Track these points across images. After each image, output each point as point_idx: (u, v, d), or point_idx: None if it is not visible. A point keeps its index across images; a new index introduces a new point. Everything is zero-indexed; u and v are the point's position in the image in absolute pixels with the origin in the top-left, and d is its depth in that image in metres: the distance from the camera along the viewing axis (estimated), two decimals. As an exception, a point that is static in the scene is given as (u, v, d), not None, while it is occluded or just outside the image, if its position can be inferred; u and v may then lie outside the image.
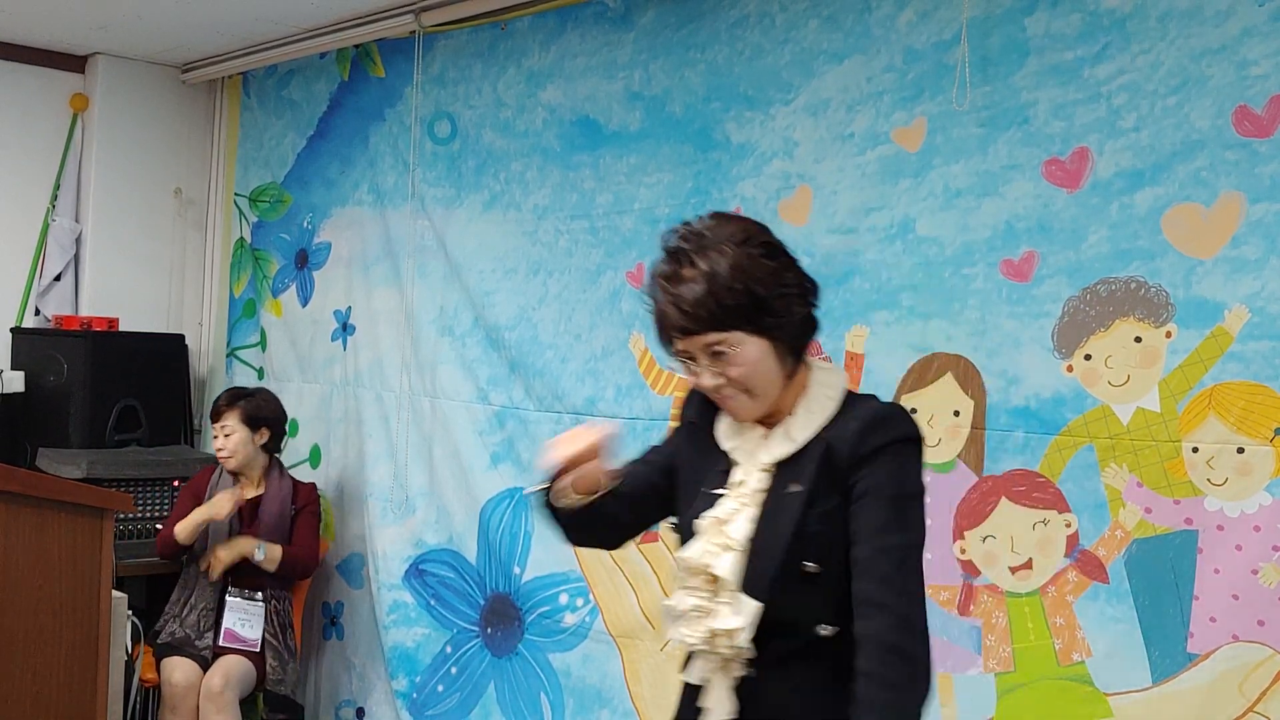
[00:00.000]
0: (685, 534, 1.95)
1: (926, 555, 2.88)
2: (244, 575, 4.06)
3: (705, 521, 1.91)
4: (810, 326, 1.94)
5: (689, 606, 1.89)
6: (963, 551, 2.86)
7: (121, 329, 4.84)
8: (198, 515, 4.01)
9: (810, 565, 1.82)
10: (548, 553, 3.80)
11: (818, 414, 1.90)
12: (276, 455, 4.27)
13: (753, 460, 1.92)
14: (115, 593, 3.24)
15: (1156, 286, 2.58)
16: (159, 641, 4.03)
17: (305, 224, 4.79)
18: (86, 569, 3.09)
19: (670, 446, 2.13)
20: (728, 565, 1.86)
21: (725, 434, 1.98)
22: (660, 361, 3.53)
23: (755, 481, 1.91)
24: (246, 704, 4.00)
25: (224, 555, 3.98)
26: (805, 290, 1.91)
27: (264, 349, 4.95)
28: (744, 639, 1.83)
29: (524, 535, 3.88)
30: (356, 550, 4.46)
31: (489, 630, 3.98)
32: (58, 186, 5.01)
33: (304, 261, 4.79)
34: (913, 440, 1.86)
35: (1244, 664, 2.44)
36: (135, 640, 3.88)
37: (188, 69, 5.13)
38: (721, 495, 1.93)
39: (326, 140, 4.71)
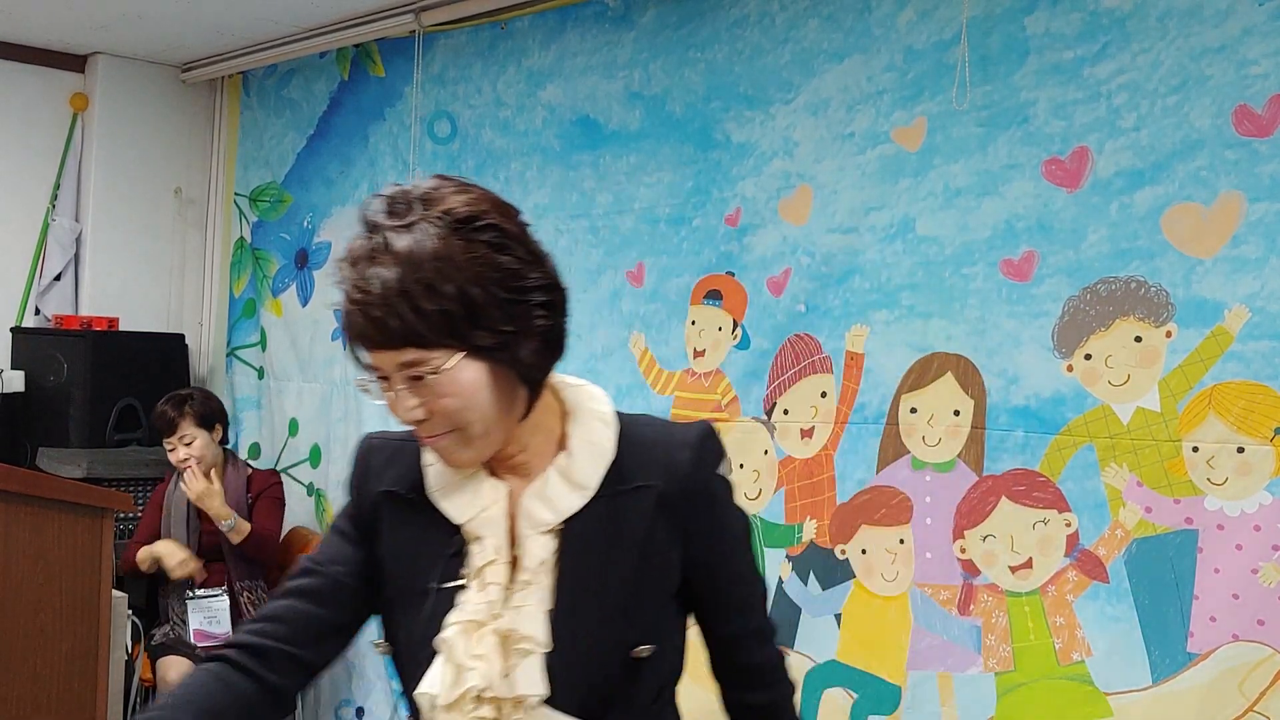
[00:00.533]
0: (415, 652, 1.44)
1: (926, 554, 2.91)
2: (210, 576, 4.07)
3: (454, 630, 1.40)
4: (555, 345, 1.43)
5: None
6: (963, 551, 2.86)
7: (122, 329, 4.84)
8: (157, 549, 4.00)
9: (644, 649, 1.44)
10: (548, 552, 3.80)
11: (602, 442, 1.45)
12: (228, 448, 4.27)
13: (526, 522, 1.44)
14: (115, 593, 3.24)
15: (1156, 286, 2.58)
16: (153, 643, 4.03)
17: (305, 223, 4.79)
18: (86, 569, 3.09)
19: (345, 544, 1.52)
20: (532, 678, 1.38)
21: (453, 500, 1.45)
22: (660, 361, 3.53)
23: (539, 550, 1.42)
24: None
25: (198, 485, 3.96)
26: (549, 298, 1.41)
27: (264, 349, 4.95)
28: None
29: (524, 535, 3.87)
30: (356, 550, 4.46)
31: None
32: (58, 186, 5.01)
33: (304, 261, 4.79)
34: (727, 474, 1.52)
35: (1244, 663, 2.44)
36: (135, 640, 3.89)
37: (188, 69, 5.13)
38: (471, 587, 1.42)
39: (326, 140, 4.71)
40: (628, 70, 3.65)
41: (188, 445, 4.07)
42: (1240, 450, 2.46)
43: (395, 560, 1.48)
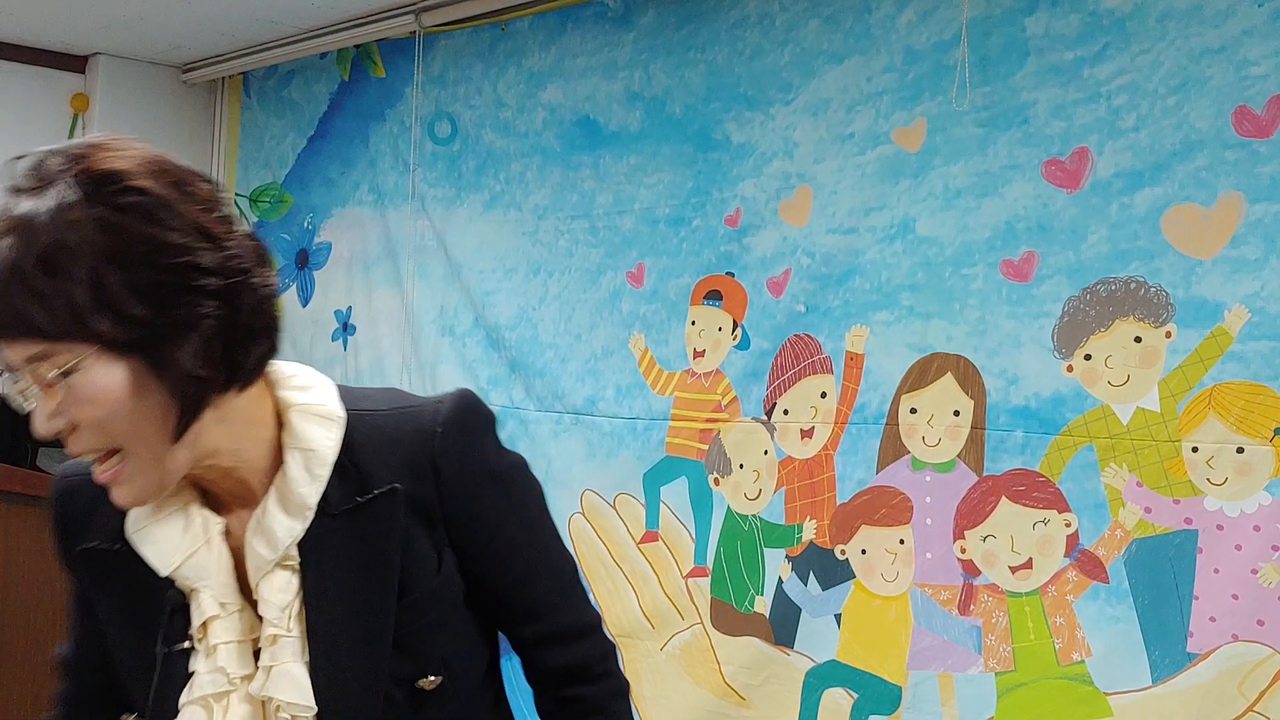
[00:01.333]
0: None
1: (926, 554, 2.91)
2: None
3: (191, 713, 1.18)
4: (237, 345, 1.17)
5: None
6: (963, 551, 2.86)
7: (122, 329, 4.84)
8: None
9: (431, 679, 1.25)
10: (548, 553, 3.80)
11: (323, 448, 1.21)
12: None
13: (252, 563, 1.19)
14: (115, 592, 3.24)
15: (1156, 286, 2.58)
16: None
17: (305, 224, 4.79)
18: (87, 569, 3.09)
19: (78, 619, 1.31)
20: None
21: (154, 543, 1.19)
22: (660, 362, 3.53)
23: (277, 594, 1.18)
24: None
25: None
26: (226, 285, 1.14)
27: (264, 349, 4.94)
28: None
29: (524, 535, 3.87)
30: (357, 550, 4.46)
31: None
32: (58, 186, 5.00)
33: (304, 261, 4.79)
34: (489, 419, 1.35)
35: (1244, 663, 2.44)
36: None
37: (188, 69, 5.13)
38: (200, 652, 1.18)
39: (327, 140, 4.71)
40: (628, 71, 3.65)
41: None
42: (1240, 450, 2.46)
43: (114, 627, 1.22)
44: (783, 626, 3.19)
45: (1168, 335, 2.56)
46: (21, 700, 2.94)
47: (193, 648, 1.18)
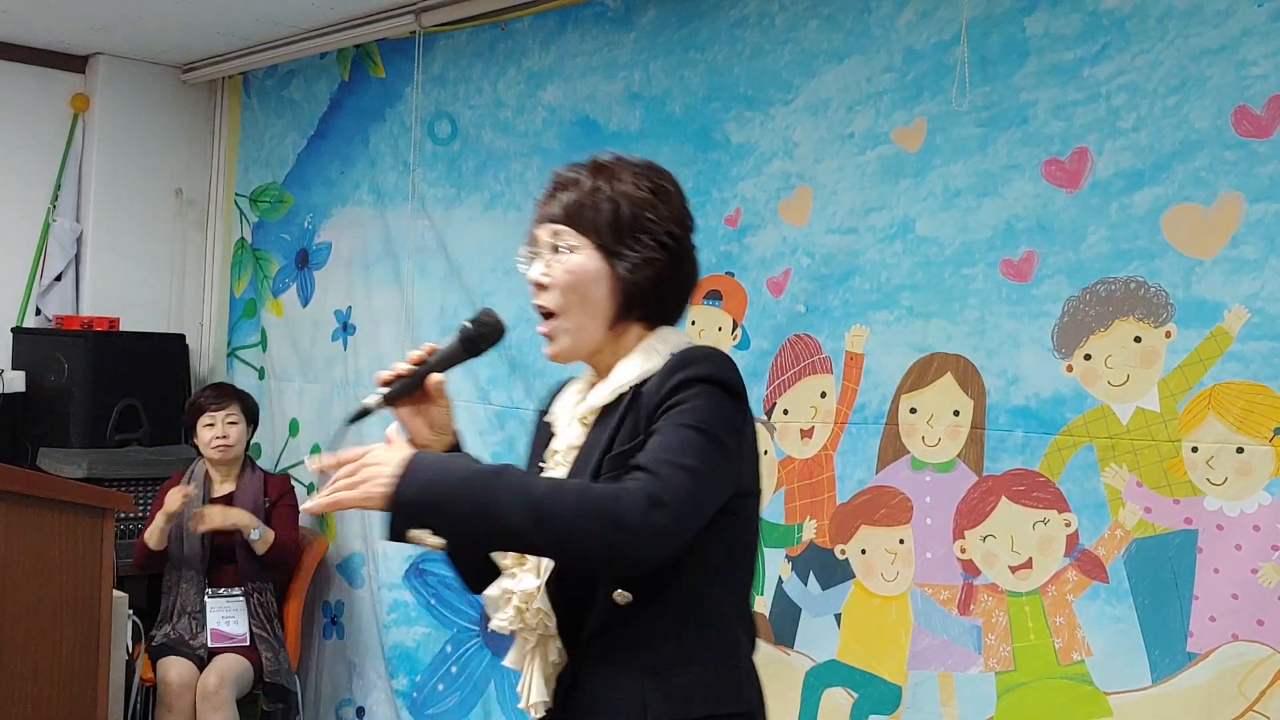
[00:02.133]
0: None
1: (926, 554, 2.91)
2: (220, 574, 4.10)
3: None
4: (661, 290, 1.76)
5: (499, 591, 1.73)
6: (963, 551, 2.86)
7: (122, 329, 4.84)
8: (158, 520, 4.06)
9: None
10: (548, 552, 3.80)
11: (638, 365, 1.72)
12: (248, 452, 4.34)
13: (570, 419, 1.78)
14: (116, 592, 3.24)
15: (1156, 286, 2.58)
16: (154, 644, 4.04)
17: (306, 224, 4.80)
18: (87, 569, 3.09)
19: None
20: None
21: (553, 410, 1.86)
22: (660, 361, 3.53)
23: (570, 436, 1.76)
24: (245, 702, 4.01)
25: (216, 517, 3.99)
26: (670, 244, 1.77)
27: (264, 349, 4.95)
28: (542, 600, 1.66)
29: (524, 535, 3.87)
30: (357, 549, 4.46)
31: (489, 630, 3.98)
32: (58, 186, 5.01)
33: (304, 261, 4.79)
34: (713, 381, 1.65)
35: (1243, 663, 2.44)
36: (135, 640, 3.89)
37: (188, 69, 5.13)
38: (542, 468, 1.78)
39: (327, 140, 4.71)
40: (628, 71, 3.65)
41: (231, 424, 4.16)
42: (1240, 450, 2.46)
43: (532, 456, 1.91)
44: (783, 626, 3.19)
45: (1168, 335, 2.56)
46: (22, 700, 2.94)
47: (540, 467, 1.81)
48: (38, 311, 4.98)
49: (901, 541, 2.95)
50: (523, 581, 1.70)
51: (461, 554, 1.83)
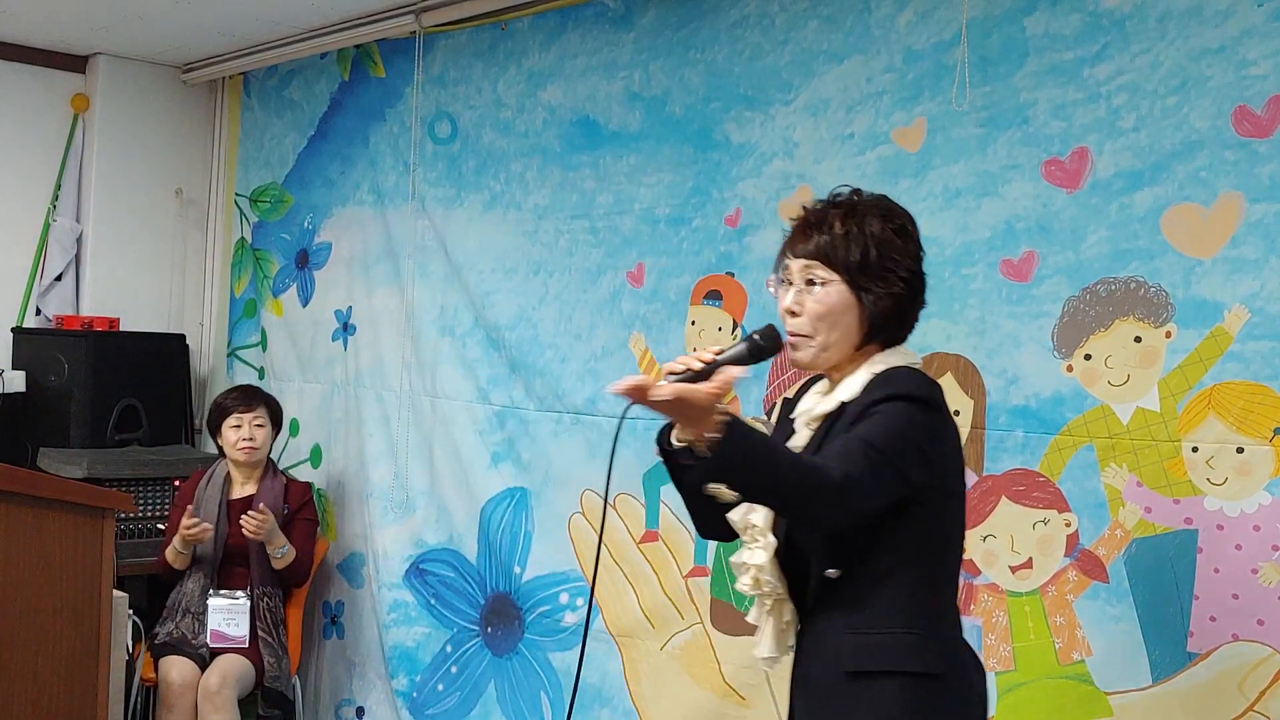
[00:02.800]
0: None
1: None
2: (229, 575, 4.11)
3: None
4: (901, 318, 2.03)
5: (739, 561, 2.09)
6: (963, 551, 2.85)
7: (122, 329, 4.85)
8: (175, 543, 4.05)
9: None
10: (548, 552, 3.80)
11: (859, 382, 2.01)
12: (271, 456, 4.33)
13: (803, 421, 2.09)
14: (116, 592, 3.24)
15: (1156, 286, 2.58)
16: (156, 643, 4.04)
17: (306, 224, 4.80)
18: (87, 569, 3.09)
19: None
20: (762, 512, 2.04)
21: (799, 407, 2.15)
22: (660, 361, 3.53)
23: (800, 437, 2.07)
24: (246, 703, 4.01)
25: (254, 526, 3.96)
26: (909, 280, 2.02)
27: (264, 349, 4.95)
28: (772, 572, 2.02)
29: (524, 534, 3.88)
30: (357, 549, 4.47)
31: (489, 629, 3.99)
32: (59, 186, 5.01)
33: (304, 261, 4.79)
34: (902, 397, 1.93)
35: (1244, 663, 2.44)
36: (136, 640, 3.89)
37: (188, 69, 5.13)
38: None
39: (327, 140, 4.71)
40: (628, 71, 3.65)
41: (259, 427, 4.18)
42: (1240, 450, 2.46)
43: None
44: (783, 626, 3.19)
45: (1168, 335, 2.56)
46: (22, 700, 2.94)
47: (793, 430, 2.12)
48: (38, 311, 4.98)
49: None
50: (756, 556, 2.04)
51: (706, 507, 2.09)
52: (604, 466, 3.59)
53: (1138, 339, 2.60)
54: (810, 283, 2.00)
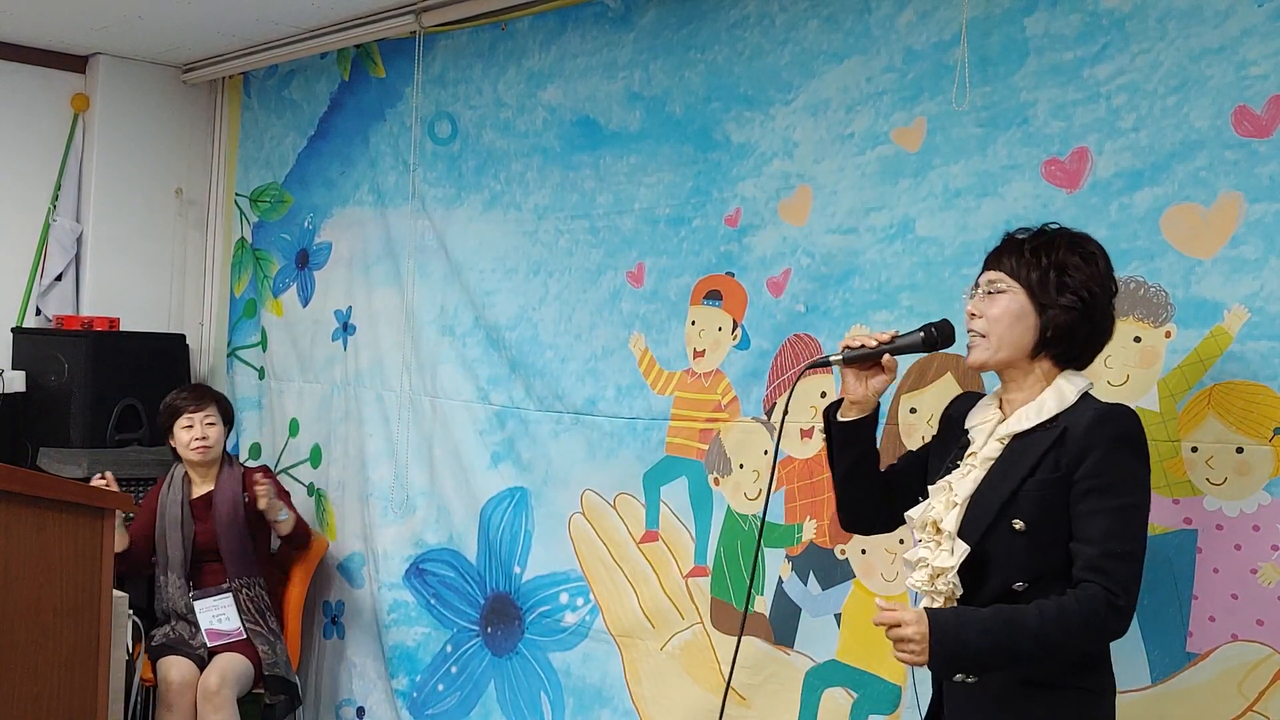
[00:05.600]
0: (924, 496, 2.27)
1: (926, 555, 2.90)
2: (202, 575, 4.13)
3: (939, 483, 2.23)
4: (1074, 335, 2.16)
5: (917, 557, 2.19)
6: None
7: (122, 329, 4.85)
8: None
9: (1018, 523, 2.09)
10: (548, 552, 3.80)
11: (1053, 403, 2.16)
12: (226, 450, 4.34)
13: (989, 434, 2.21)
14: (116, 592, 3.24)
15: (1156, 286, 2.58)
16: (154, 644, 4.04)
17: (306, 224, 4.80)
18: (87, 569, 3.09)
19: (928, 443, 2.45)
20: (951, 517, 2.16)
21: (970, 419, 2.29)
22: (660, 361, 3.53)
23: (989, 450, 2.19)
24: (247, 700, 4.01)
25: (264, 489, 4.04)
26: (1084, 300, 2.15)
27: (264, 349, 4.95)
28: (954, 576, 2.12)
29: (524, 534, 3.88)
30: (357, 549, 4.47)
31: (489, 629, 3.99)
32: (58, 186, 5.01)
33: (305, 261, 4.79)
34: (1135, 439, 2.09)
35: (1243, 663, 2.44)
36: (136, 640, 3.89)
37: (188, 69, 5.14)
38: (957, 465, 2.23)
39: (327, 140, 4.71)
40: (628, 71, 3.65)
41: (210, 425, 4.17)
42: (1239, 450, 2.46)
43: (937, 450, 2.38)
44: (783, 626, 3.20)
45: (1167, 335, 2.56)
46: (22, 700, 2.94)
47: (958, 465, 2.24)
48: (38, 311, 4.98)
49: (901, 541, 2.95)
50: (942, 559, 2.14)
51: (854, 493, 2.43)
52: (604, 466, 3.62)
53: (1137, 339, 2.60)
54: (992, 292, 2.19)
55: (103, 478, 3.77)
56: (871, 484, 2.43)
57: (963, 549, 2.12)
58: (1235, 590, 2.46)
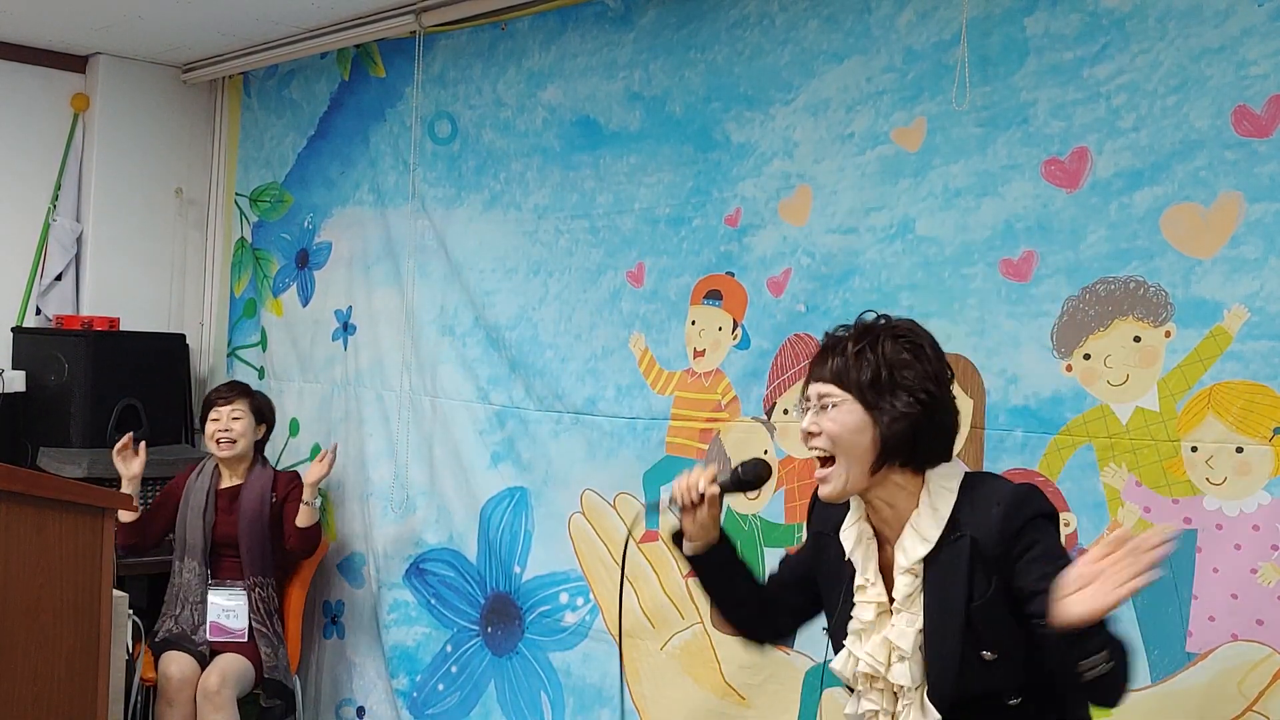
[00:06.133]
0: (834, 639, 2.15)
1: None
2: (220, 566, 4.13)
3: (852, 629, 2.08)
4: (917, 432, 2.00)
5: (866, 709, 2.07)
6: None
7: (122, 329, 4.84)
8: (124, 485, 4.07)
9: (987, 654, 1.95)
10: (548, 552, 3.80)
11: (942, 508, 2.01)
12: (262, 451, 4.36)
13: (885, 569, 2.07)
14: (116, 592, 3.24)
15: (1155, 286, 2.58)
16: (156, 640, 4.05)
17: (306, 224, 4.80)
18: (87, 569, 3.09)
19: (805, 553, 2.29)
20: (902, 671, 2.01)
21: (845, 541, 2.12)
22: (660, 361, 3.53)
23: (905, 587, 2.02)
24: (245, 701, 4.01)
25: (314, 475, 4.10)
26: (926, 399, 2.00)
27: (264, 349, 4.95)
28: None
29: (524, 534, 3.88)
30: (357, 549, 4.47)
31: (489, 629, 3.99)
32: (58, 186, 5.01)
33: (305, 261, 4.79)
34: (1051, 516, 1.99)
35: (1243, 663, 2.44)
36: (136, 639, 3.89)
37: (188, 69, 5.13)
38: (857, 603, 2.08)
39: (327, 140, 4.71)
40: (628, 71, 3.65)
41: (235, 419, 4.18)
42: (1239, 450, 2.46)
43: (825, 573, 2.19)
44: (782, 626, 3.19)
45: (1167, 335, 2.56)
46: (22, 700, 2.94)
47: (853, 601, 2.08)
48: (38, 311, 4.98)
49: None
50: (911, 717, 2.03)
51: (733, 612, 2.33)
52: (604, 466, 3.62)
53: (1137, 339, 2.60)
54: (826, 406, 2.03)
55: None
56: (750, 601, 2.29)
57: (935, 717, 1.99)
58: (1235, 590, 2.46)
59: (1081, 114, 2.71)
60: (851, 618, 2.09)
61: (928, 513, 2.01)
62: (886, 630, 2.03)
